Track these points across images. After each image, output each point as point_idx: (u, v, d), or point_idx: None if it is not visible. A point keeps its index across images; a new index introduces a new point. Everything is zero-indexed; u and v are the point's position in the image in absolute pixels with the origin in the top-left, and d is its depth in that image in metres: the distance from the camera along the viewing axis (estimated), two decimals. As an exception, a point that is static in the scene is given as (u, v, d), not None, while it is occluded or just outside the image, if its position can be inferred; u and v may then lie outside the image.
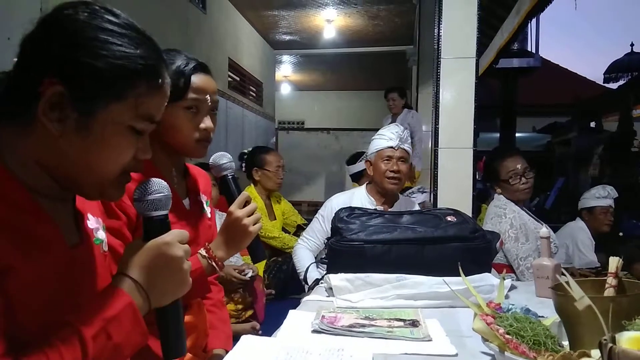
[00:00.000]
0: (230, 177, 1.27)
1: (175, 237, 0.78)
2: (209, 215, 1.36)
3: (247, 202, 1.21)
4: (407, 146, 2.32)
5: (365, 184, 2.45)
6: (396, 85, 5.54)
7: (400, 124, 5.04)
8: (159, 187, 0.80)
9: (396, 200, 2.38)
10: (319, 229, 2.41)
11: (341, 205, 2.32)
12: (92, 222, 0.86)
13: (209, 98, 1.22)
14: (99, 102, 0.70)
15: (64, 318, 0.67)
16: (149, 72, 0.73)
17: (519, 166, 2.31)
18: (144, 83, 0.73)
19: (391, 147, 2.28)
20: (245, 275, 2.57)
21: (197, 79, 1.20)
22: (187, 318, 1.24)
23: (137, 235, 1.08)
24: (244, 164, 3.50)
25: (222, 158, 1.27)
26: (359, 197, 2.37)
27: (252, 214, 1.20)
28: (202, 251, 1.19)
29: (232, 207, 1.20)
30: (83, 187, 0.76)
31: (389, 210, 2.32)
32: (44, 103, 0.68)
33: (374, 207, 2.26)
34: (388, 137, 2.31)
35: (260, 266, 3.20)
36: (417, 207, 2.47)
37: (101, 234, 0.88)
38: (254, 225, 1.20)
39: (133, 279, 0.73)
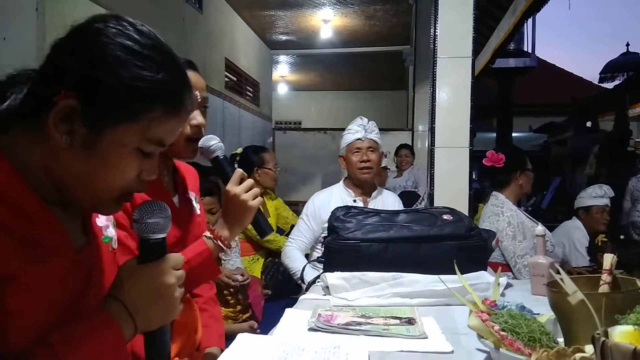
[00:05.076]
0: (222, 157, 1.26)
1: (169, 263, 0.76)
2: (199, 212, 1.36)
3: (242, 179, 1.21)
4: (374, 136, 2.43)
5: (342, 179, 2.56)
6: (405, 144, 5.68)
7: (407, 177, 5.19)
8: (159, 209, 0.77)
9: (374, 190, 2.48)
10: (305, 227, 2.50)
11: (322, 202, 2.42)
12: (102, 219, 0.85)
13: (198, 94, 1.22)
14: (109, 122, 0.69)
15: (48, 338, 0.65)
16: (167, 97, 0.72)
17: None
18: (160, 108, 0.71)
19: (359, 139, 2.42)
20: (235, 281, 2.54)
21: None
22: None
23: None
24: (236, 166, 3.49)
25: (210, 140, 1.26)
26: (338, 191, 2.49)
27: (250, 189, 1.19)
28: (207, 232, 1.18)
29: (229, 186, 1.19)
30: (78, 200, 0.74)
31: (369, 201, 2.44)
32: (55, 113, 0.67)
33: (352, 200, 2.40)
34: (354, 130, 2.44)
35: (258, 267, 3.21)
36: (394, 198, 2.55)
37: (110, 232, 0.86)
38: (253, 199, 1.19)
39: (123, 303, 0.72)
